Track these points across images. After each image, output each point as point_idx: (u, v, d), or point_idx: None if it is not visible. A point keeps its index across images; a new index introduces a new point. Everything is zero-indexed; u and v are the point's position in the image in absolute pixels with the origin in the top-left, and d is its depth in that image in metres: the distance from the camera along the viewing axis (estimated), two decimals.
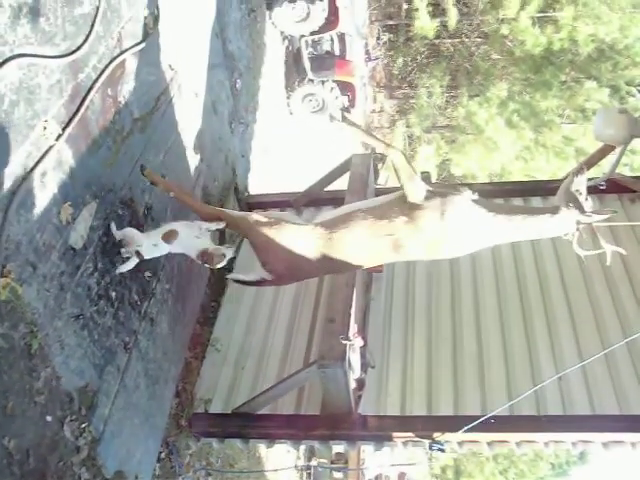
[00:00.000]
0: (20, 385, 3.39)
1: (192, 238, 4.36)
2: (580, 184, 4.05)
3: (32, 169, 3.46)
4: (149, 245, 4.27)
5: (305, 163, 12.13)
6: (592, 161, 6.88)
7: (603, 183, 6.35)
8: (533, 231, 4.18)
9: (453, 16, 16.28)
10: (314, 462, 12.75)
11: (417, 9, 16.24)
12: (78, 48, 3.89)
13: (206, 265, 4.44)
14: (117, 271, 4.33)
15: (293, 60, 11.15)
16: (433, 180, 7.11)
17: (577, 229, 3.98)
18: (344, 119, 4.63)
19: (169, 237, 4.29)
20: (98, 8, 4.12)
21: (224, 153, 7.22)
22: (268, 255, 4.36)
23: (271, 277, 4.45)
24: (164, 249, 4.36)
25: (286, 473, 11.24)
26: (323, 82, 11.05)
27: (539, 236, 4.33)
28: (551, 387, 5.04)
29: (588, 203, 4.02)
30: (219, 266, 4.42)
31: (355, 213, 4.32)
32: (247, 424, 5.36)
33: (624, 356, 5.23)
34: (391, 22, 18.82)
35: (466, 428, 4.74)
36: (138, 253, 4.21)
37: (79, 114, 3.87)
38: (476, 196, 4.12)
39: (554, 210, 4.07)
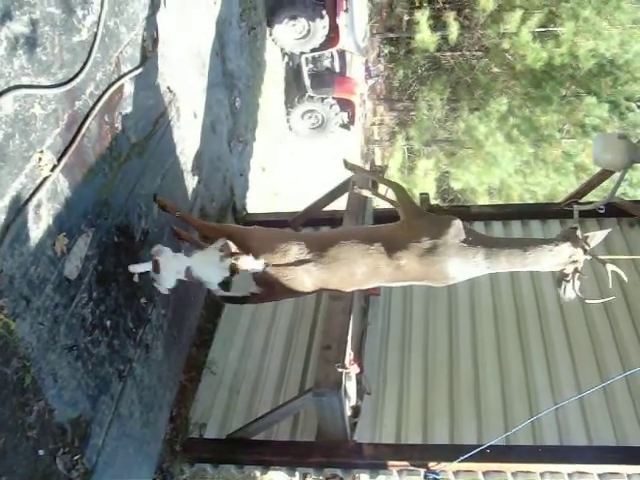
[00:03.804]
0: (12, 421, 3.36)
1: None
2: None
3: (26, 202, 3.43)
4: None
5: (304, 181, 12.10)
6: (592, 184, 6.88)
7: (602, 207, 6.32)
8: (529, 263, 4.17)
9: (454, 29, 16.31)
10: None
11: (418, 22, 16.30)
12: (75, 76, 3.86)
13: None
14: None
15: (293, 77, 11.13)
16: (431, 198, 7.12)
17: (576, 269, 3.99)
18: (347, 165, 4.97)
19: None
20: (96, 34, 4.09)
21: (222, 173, 7.19)
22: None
23: (260, 290, 4.34)
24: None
25: None
26: (323, 99, 11.05)
27: (533, 268, 4.31)
28: (548, 417, 4.99)
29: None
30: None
31: (352, 230, 4.40)
32: (242, 450, 5.31)
33: (622, 387, 5.19)
34: (392, 35, 18.87)
35: (462, 458, 4.69)
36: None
37: (75, 143, 3.84)
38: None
39: (549, 242, 4.11)
